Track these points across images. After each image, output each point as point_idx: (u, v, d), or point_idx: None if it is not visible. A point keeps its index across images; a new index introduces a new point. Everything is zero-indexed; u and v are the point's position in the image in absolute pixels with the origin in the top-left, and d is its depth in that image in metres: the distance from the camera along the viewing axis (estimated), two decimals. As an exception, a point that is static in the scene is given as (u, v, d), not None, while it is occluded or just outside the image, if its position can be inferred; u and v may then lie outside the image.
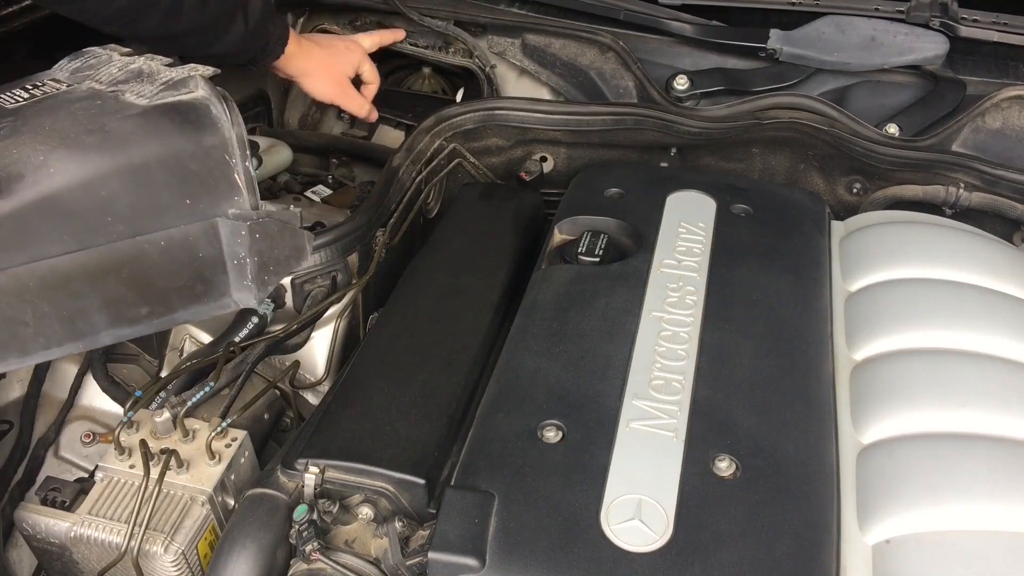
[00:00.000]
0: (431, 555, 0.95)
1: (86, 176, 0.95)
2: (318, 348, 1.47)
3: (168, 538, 1.13)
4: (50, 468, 1.37)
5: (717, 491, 1.01)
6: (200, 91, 1.08)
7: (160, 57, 1.16)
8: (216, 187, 1.01)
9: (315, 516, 1.03)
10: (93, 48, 1.20)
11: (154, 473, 1.14)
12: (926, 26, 1.77)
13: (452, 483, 1.04)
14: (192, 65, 1.12)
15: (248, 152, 1.08)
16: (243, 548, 1.04)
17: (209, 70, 1.11)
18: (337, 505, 1.06)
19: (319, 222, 1.63)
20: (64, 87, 1.10)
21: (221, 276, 1.05)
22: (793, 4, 1.87)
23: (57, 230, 0.94)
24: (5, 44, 1.59)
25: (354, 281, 1.48)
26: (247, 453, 1.24)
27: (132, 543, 1.10)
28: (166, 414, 1.22)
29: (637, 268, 1.33)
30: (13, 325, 0.96)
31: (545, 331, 1.23)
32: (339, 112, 2.11)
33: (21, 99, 1.05)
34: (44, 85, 1.08)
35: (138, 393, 1.27)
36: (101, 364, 1.42)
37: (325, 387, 1.46)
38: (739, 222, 1.44)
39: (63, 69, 1.16)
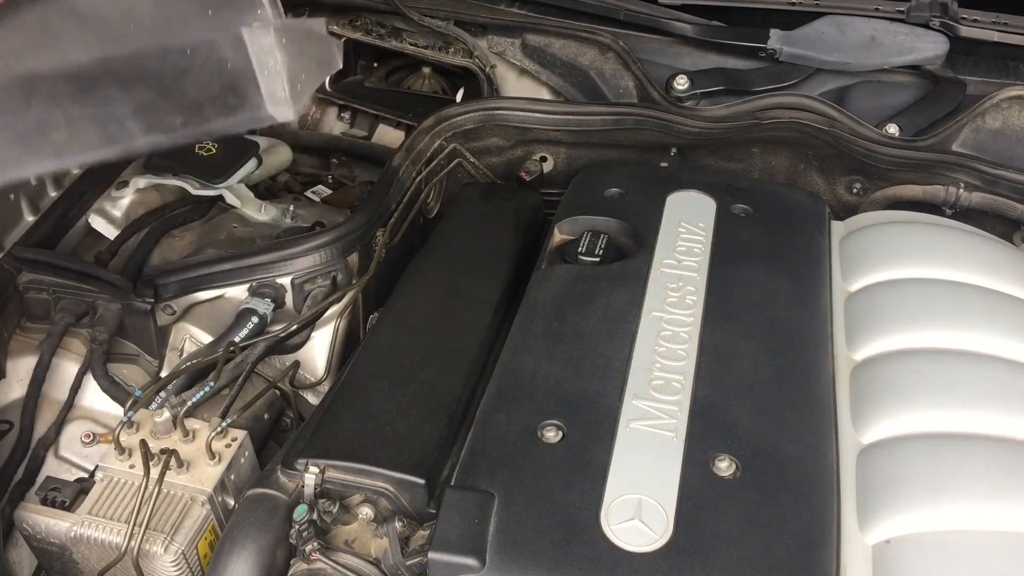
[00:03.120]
0: (431, 555, 0.95)
1: None
2: (318, 348, 1.47)
3: (168, 538, 1.13)
4: (50, 468, 1.36)
5: (717, 491, 1.01)
6: None
7: None
8: (237, 1, 0.99)
9: (315, 516, 1.03)
10: None
11: (154, 473, 1.14)
12: (926, 26, 1.77)
13: (452, 483, 1.03)
14: None
15: None
16: (243, 548, 1.04)
17: None
18: (337, 505, 1.06)
19: (319, 222, 1.63)
20: None
21: (253, 87, 1.02)
22: (793, 4, 1.87)
23: (82, 35, 0.91)
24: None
25: (354, 281, 1.48)
26: (247, 453, 1.24)
27: (132, 543, 1.10)
28: (166, 414, 1.22)
29: (637, 268, 1.33)
30: (46, 128, 0.94)
31: (545, 331, 1.23)
32: (339, 112, 2.11)
33: None
34: None
35: (138, 393, 1.27)
36: (101, 364, 1.42)
37: (325, 387, 1.46)
38: (739, 222, 1.44)
39: None
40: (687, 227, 1.41)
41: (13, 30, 0.90)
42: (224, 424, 1.21)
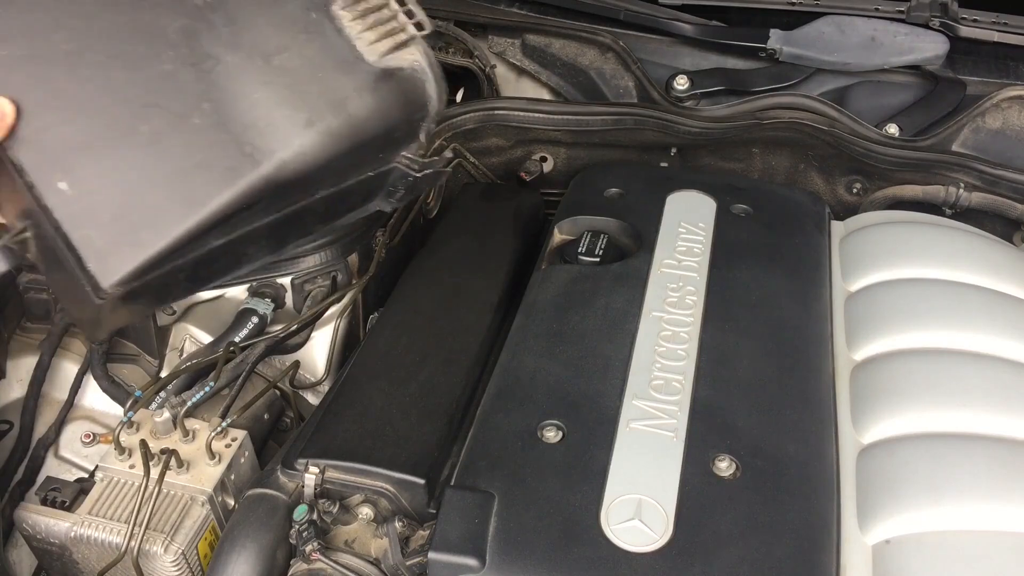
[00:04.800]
0: (431, 555, 0.95)
1: (319, 158, 0.86)
2: (318, 348, 1.47)
3: (168, 538, 1.13)
4: (50, 468, 1.37)
5: (717, 491, 1.01)
6: (419, 57, 0.92)
7: None
8: (402, 145, 0.97)
9: (315, 516, 1.03)
10: None
11: (154, 473, 1.14)
12: (926, 26, 1.77)
13: (452, 483, 1.03)
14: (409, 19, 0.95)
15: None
16: (243, 548, 1.04)
17: (425, 25, 0.95)
18: (337, 505, 1.06)
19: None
20: None
21: (376, 200, 1.02)
22: (793, 4, 1.87)
23: (270, 206, 0.88)
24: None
25: (354, 281, 1.48)
26: (247, 453, 1.24)
27: (132, 543, 1.10)
28: (166, 414, 1.22)
29: (637, 268, 1.33)
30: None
31: (545, 331, 1.23)
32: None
33: None
34: None
35: (138, 393, 1.27)
36: (101, 364, 1.42)
37: (325, 387, 1.46)
38: (739, 222, 1.44)
39: None
40: (687, 227, 1.41)
41: None
42: (224, 424, 1.21)
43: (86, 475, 1.32)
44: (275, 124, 0.84)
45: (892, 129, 1.63)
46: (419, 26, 0.92)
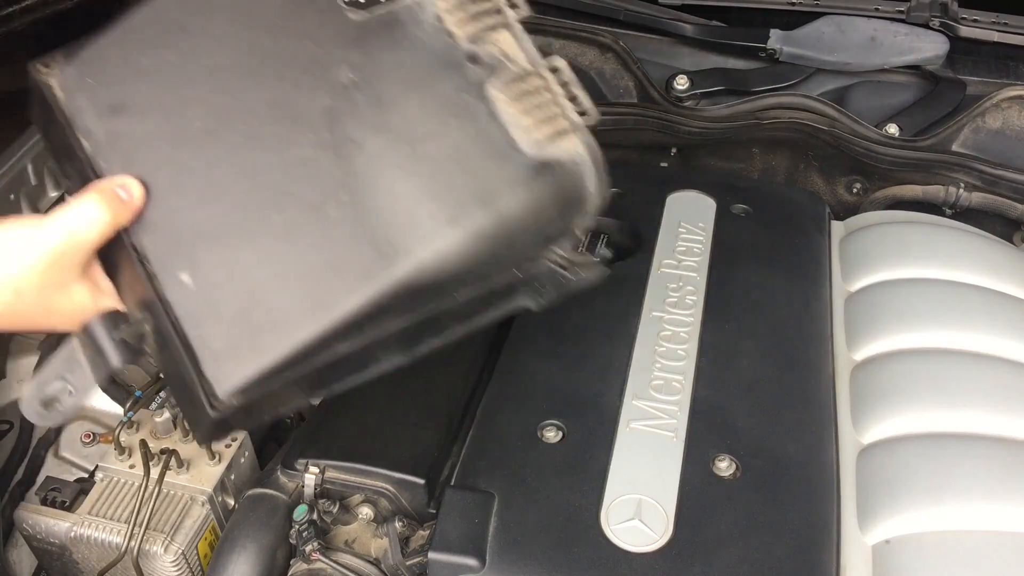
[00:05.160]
0: (431, 555, 0.95)
1: (462, 260, 0.77)
2: (318, 348, 1.47)
3: (168, 538, 1.13)
4: (50, 468, 1.36)
5: (717, 491, 1.01)
6: (580, 149, 0.82)
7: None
8: (554, 242, 0.90)
9: (315, 516, 1.03)
10: None
11: (154, 473, 1.14)
12: (926, 26, 1.77)
13: (452, 483, 1.04)
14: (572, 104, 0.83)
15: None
16: (243, 548, 1.04)
17: (590, 113, 0.83)
18: (337, 505, 1.06)
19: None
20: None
21: (520, 298, 0.94)
22: (793, 4, 1.87)
23: (405, 310, 0.80)
24: (5, 44, 1.59)
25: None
26: (247, 453, 1.24)
27: (132, 543, 1.10)
28: (166, 414, 1.22)
29: (637, 268, 1.33)
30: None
31: (545, 331, 1.23)
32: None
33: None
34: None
35: (138, 393, 1.27)
36: (101, 364, 1.42)
37: (325, 387, 1.45)
38: (739, 222, 1.44)
39: None
40: (687, 227, 1.41)
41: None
42: (224, 424, 1.21)
43: (86, 475, 1.32)
44: (416, 220, 0.75)
45: (892, 129, 1.63)
46: (583, 113, 0.82)
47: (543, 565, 0.94)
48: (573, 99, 0.82)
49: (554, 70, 0.82)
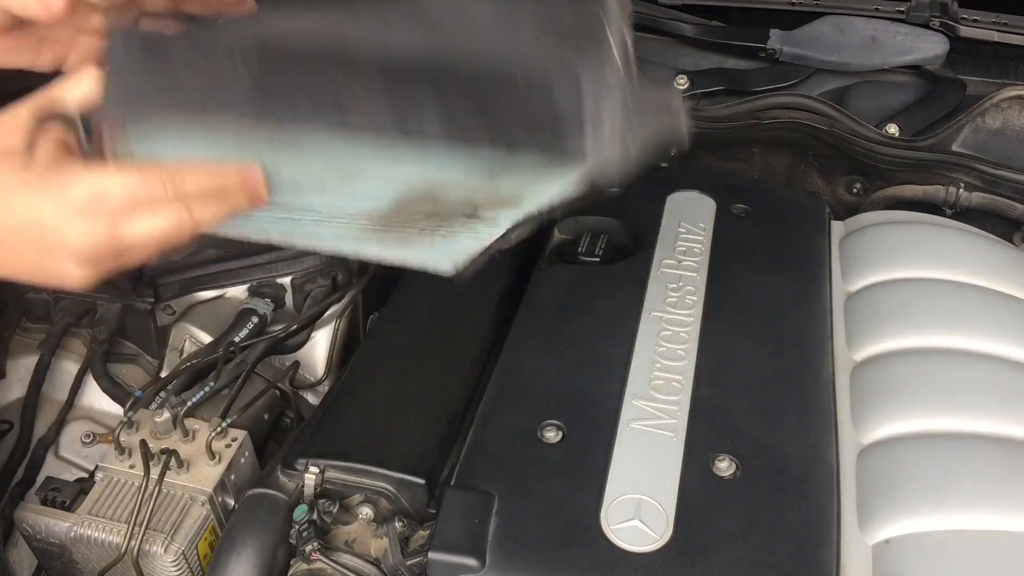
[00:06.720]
0: (431, 555, 0.95)
1: None
2: (318, 348, 1.47)
3: (168, 538, 1.13)
4: (50, 468, 1.36)
5: (717, 491, 1.01)
6: None
7: None
8: (584, 43, 0.93)
9: (315, 516, 1.03)
10: None
11: (154, 473, 1.14)
12: (926, 26, 1.77)
13: (452, 483, 1.03)
14: None
15: (624, 20, 0.92)
16: (243, 548, 1.04)
17: None
18: (337, 505, 1.05)
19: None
20: None
21: (575, 129, 0.95)
22: (793, 4, 1.87)
23: (412, 28, 0.86)
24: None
25: (354, 281, 1.48)
26: (247, 453, 1.24)
27: (132, 543, 1.10)
28: (166, 414, 1.22)
29: (637, 268, 1.33)
30: (342, 99, 0.85)
31: (545, 331, 1.23)
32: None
33: None
34: None
35: (138, 393, 1.27)
36: (101, 364, 1.42)
37: (325, 387, 1.46)
38: (739, 222, 1.44)
39: None
40: (687, 227, 1.41)
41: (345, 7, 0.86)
42: (224, 424, 1.21)
43: (86, 475, 1.32)
44: None
45: (892, 129, 1.63)
46: None
47: (543, 565, 0.94)
48: None
49: None
